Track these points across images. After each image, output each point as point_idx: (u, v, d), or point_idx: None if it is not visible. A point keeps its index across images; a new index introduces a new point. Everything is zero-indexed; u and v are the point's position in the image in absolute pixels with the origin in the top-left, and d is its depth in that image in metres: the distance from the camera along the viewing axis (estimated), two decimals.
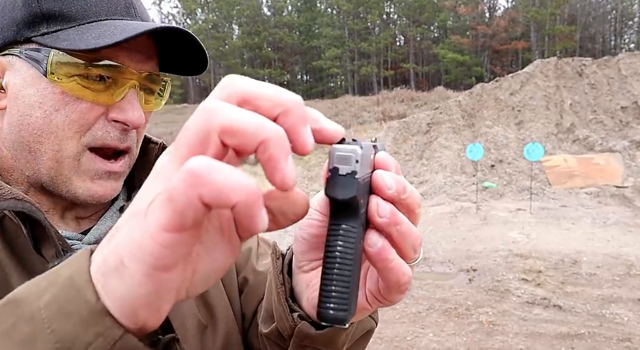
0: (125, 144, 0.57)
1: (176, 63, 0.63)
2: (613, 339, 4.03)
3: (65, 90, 0.53)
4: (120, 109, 0.56)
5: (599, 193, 10.94)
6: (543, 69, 15.63)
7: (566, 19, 47.80)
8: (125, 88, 0.55)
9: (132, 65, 0.56)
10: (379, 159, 0.37)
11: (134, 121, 0.56)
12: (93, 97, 0.54)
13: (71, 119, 0.54)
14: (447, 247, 7.26)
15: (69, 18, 0.54)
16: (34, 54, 0.53)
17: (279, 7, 58.22)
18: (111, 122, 0.56)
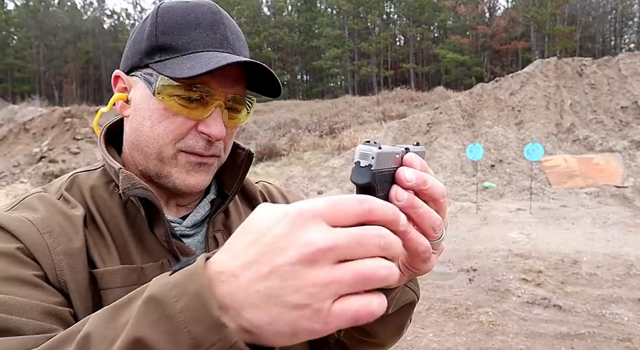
0: (211, 152, 0.71)
1: (260, 85, 0.75)
2: (613, 339, 4.03)
3: (167, 107, 0.68)
4: (207, 124, 0.69)
5: (599, 193, 10.94)
6: (543, 69, 15.64)
7: (566, 19, 47.77)
8: (211, 107, 0.69)
9: (220, 89, 0.69)
10: (406, 158, 0.48)
11: (215, 135, 0.69)
12: (187, 113, 0.68)
13: (169, 129, 0.68)
14: (447, 247, 7.20)
15: (176, 49, 0.68)
16: (149, 77, 0.68)
17: (279, 7, 58.19)
18: (200, 134, 0.69)
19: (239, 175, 0.79)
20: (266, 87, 0.75)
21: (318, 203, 0.37)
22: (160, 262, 0.68)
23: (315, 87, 55.42)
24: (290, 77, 57.40)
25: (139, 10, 75.24)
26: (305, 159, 22.02)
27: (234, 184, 0.79)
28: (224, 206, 0.78)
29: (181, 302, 0.38)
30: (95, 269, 0.64)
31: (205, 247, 0.75)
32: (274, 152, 23.55)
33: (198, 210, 0.78)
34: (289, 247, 0.36)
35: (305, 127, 26.50)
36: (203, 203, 0.78)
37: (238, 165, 0.80)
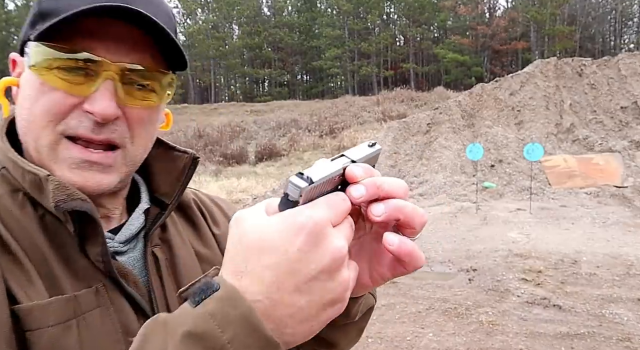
0: (102, 136, 0.56)
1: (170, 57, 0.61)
2: (613, 338, 4.04)
3: (44, 81, 0.54)
4: (93, 100, 0.55)
5: (599, 193, 10.95)
6: (543, 69, 15.64)
7: (566, 19, 47.77)
8: (99, 79, 0.55)
9: (109, 57, 0.55)
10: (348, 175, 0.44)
11: (99, 112, 0.54)
12: (67, 87, 0.54)
13: (46, 108, 0.54)
14: (447, 247, 7.26)
15: (54, 14, 0.54)
16: (27, 50, 0.56)
17: (279, 7, 58.19)
18: (85, 113, 0.55)
19: (180, 181, 0.67)
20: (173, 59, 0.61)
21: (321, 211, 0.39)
22: (95, 288, 0.55)
23: (315, 87, 55.40)
24: (290, 77, 57.38)
25: None
26: (305, 159, 22.02)
27: (174, 192, 0.67)
28: (164, 217, 0.66)
29: (228, 332, 0.37)
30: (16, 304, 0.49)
31: (144, 265, 0.63)
32: (274, 152, 23.55)
33: (132, 223, 0.64)
34: (313, 261, 0.38)
35: (305, 127, 26.50)
36: (136, 213, 0.65)
37: (178, 169, 0.68)
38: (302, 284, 0.38)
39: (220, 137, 26.50)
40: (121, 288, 0.57)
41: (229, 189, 14.71)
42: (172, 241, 0.68)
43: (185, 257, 0.67)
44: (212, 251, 0.73)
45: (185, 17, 57.36)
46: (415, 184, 12.58)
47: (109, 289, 0.56)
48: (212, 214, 0.79)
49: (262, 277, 0.38)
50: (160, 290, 0.62)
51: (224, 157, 23.28)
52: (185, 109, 36.43)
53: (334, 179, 0.44)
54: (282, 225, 0.39)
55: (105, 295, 0.55)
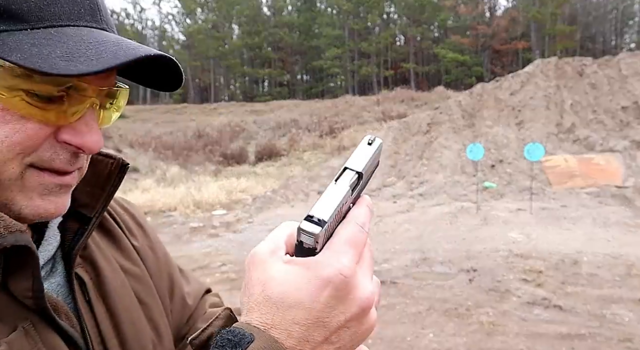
0: (75, 166, 0.49)
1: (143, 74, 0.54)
2: (614, 339, 4.03)
3: (6, 106, 0.43)
4: (76, 131, 0.47)
5: (600, 193, 10.93)
6: (543, 68, 15.63)
7: (567, 19, 47.77)
8: (83, 107, 0.47)
9: (94, 82, 0.47)
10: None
11: (91, 147, 0.47)
12: (41, 116, 0.44)
13: (12, 140, 0.44)
14: (447, 247, 7.25)
15: (18, 17, 0.42)
16: None
17: (279, 7, 58.20)
18: (61, 143, 0.47)
19: (105, 191, 0.58)
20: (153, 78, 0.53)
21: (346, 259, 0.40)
22: (22, 328, 0.47)
23: (315, 87, 55.43)
24: (290, 77, 57.40)
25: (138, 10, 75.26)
26: (305, 159, 22.02)
27: (97, 203, 0.58)
28: (88, 233, 0.56)
29: None
30: None
31: (69, 290, 0.55)
32: (274, 152, 23.56)
33: (48, 241, 0.55)
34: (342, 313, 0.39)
35: (305, 127, 26.50)
36: (50, 230, 0.55)
37: (101, 176, 0.58)
38: (332, 334, 0.39)
39: (220, 137, 26.51)
40: (52, 323, 0.49)
41: (228, 189, 14.71)
42: (95, 258, 0.59)
43: (111, 276, 0.60)
44: (137, 266, 0.67)
45: (184, 16, 57.40)
46: (415, 184, 12.58)
47: (37, 326, 0.48)
48: (127, 224, 0.70)
49: (290, 331, 0.39)
50: (91, 318, 0.55)
51: (223, 157, 23.29)
52: (185, 109, 36.44)
53: (345, 203, 0.42)
54: (305, 279, 0.39)
55: (36, 335, 0.47)
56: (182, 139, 25.73)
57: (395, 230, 8.69)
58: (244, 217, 10.66)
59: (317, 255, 0.40)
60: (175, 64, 0.49)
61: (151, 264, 0.70)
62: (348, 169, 0.43)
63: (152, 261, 0.70)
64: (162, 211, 12.20)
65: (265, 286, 0.40)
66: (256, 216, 10.67)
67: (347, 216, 0.43)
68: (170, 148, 23.28)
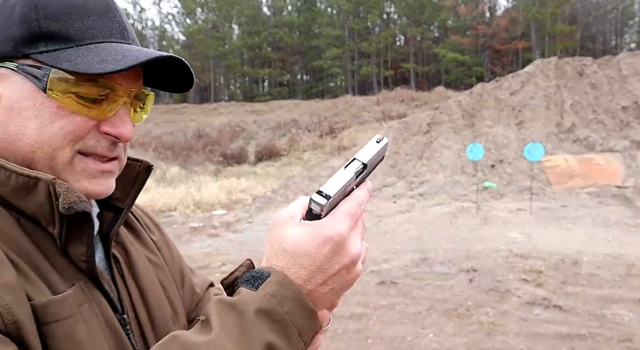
0: (114, 153, 0.63)
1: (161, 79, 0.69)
2: (614, 339, 4.03)
3: (62, 105, 0.58)
4: (112, 123, 0.61)
5: (600, 193, 10.93)
6: (543, 68, 15.63)
7: (567, 19, 47.73)
8: (117, 105, 0.61)
9: (125, 84, 0.61)
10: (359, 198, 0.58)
11: (125, 135, 0.62)
12: (87, 112, 0.59)
13: (66, 130, 0.58)
14: (447, 247, 7.25)
15: (67, 39, 0.57)
16: (33, 70, 0.57)
17: (279, 7, 58.17)
18: (102, 134, 0.61)
19: (133, 187, 0.72)
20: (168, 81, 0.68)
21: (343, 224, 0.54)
22: (79, 286, 0.59)
23: (315, 87, 55.39)
24: (290, 77, 57.38)
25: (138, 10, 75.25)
26: (305, 159, 22.01)
27: (127, 197, 0.71)
28: (122, 219, 0.70)
29: (285, 306, 0.52)
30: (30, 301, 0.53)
31: (108, 266, 0.68)
32: (274, 152, 23.55)
33: None
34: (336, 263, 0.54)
35: (305, 127, 26.49)
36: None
37: (132, 177, 0.72)
38: (328, 278, 0.54)
39: (220, 137, 26.50)
40: (99, 286, 0.62)
41: (228, 189, 14.70)
42: (125, 244, 0.73)
43: (138, 259, 0.74)
44: (156, 256, 0.80)
45: (184, 16, 57.38)
46: (415, 184, 12.57)
47: (88, 286, 0.60)
48: (146, 222, 0.85)
49: (299, 273, 0.53)
50: (124, 289, 0.68)
51: (223, 157, 23.27)
52: (185, 109, 36.43)
53: (349, 185, 0.54)
54: (312, 235, 0.53)
55: (87, 291, 0.60)
56: (182, 139, 25.72)
57: (395, 230, 8.69)
58: (244, 217, 10.66)
59: (322, 220, 0.53)
60: (186, 65, 0.64)
61: (166, 256, 0.84)
62: (356, 159, 0.54)
63: (167, 254, 0.84)
64: (162, 211, 12.19)
65: (282, 241, 0.54)
66: (256, 216, 10.66)
67: (350, 194, 0.56)
68: (170, 148, 23.27)
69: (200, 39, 49.91)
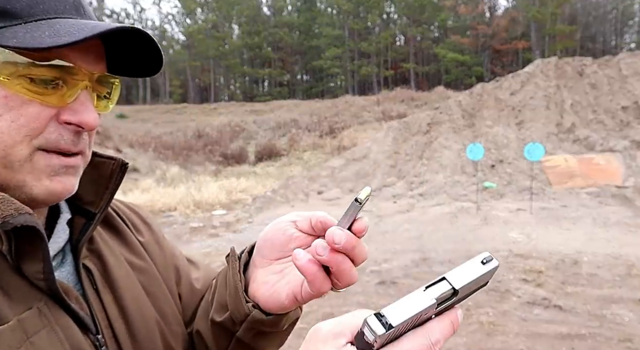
0: (79, 147, 0.55)
1: (126, 64, 0.61)
2: (614, 339, 4.03)
3: (9, 94, 0.49)
4: (73, 110, 0.53)
5: (600, 193, 10.94)
6: (543, 68, 15.63)
7: (567, 19, 47.76)
8: (77, 89, 0.53)
9: (84, 66, 0.53)
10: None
11: (89, 123, 0.53)
12: (42, 99, 0.50)
13: (18, 123, 0.50)
14: (447, 247, 7.25)
15: (13, 15, 0.49)
16: None
17: (279, 7, 58.19)
18: (63, 125, 0.53)
19: (107, 189, 0.63)
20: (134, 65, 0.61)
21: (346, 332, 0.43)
22: (37, 308, 0.51)
23: (315, 87, 55.41)
24: (290, 77, 57.40)
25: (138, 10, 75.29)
26: (305, 159, 22.02)
27: (101, 200, 0.63)
28: (93, 227, 0.62)
29: None
30: None
31: (78, 279, 0.60)
32: (274, 152, 23.57)
33: (58, 235, 0.60)
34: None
35: (305, 127, 26.51)
36: (60, 225, 0.61)
37: (105, 176, 0.64)
38: None
39: (220, 137, 26.51)
40: (63, 305, 0.54)
41: (228, 189, 14.70)
42: (101, 251, 0.65)
43: (117, 266, 0.66)
44: (143, 260, 0.72)
45: (184, 16, 57.40)
46: (415, 184, 12.58)
47: (50, 307, 0.52)
48: (133, 222, 0.76)
49: None
50: (99, 304, 0.60)
51: (223, 157, 23.29)
52: (185, 109, 36.44)
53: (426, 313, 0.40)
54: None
55: (49, 314, 0.52)
56: (182, 139, 25.72)
57: (395, 230, 8.69)
58: (244, 217, 10.66)
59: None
60: (152, 40, 0.55)
61: (157, 257, 0.76)
62: (446, 279, 0.40)
63: (158, 254, 0.76)
64: (162, 211, 12.19)
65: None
66: (256, 216, 10.66)
67: (424, 325, 0.41)
68: (170, 148, 23.28)
69: (200, 39, 49.92)
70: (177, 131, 27.58)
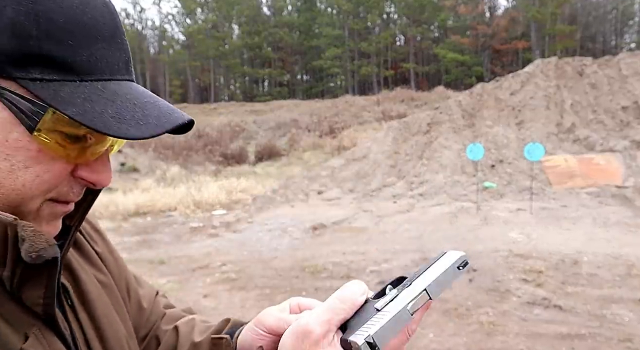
0: (81, 196, 0.54)
1: None
2: (614, 339, 4.03)
3: (44, 149, 0.46)
4: (92, 169, 0.51)
5: (600, 193, 10.94)
6: (543, 68, 15.63)
7: (567, 19, 47.75)
8: (101, 147, 0.51)
9: None
10: None
11: (104, 183, 0.52)
12: (66, 156, 0.48)
13: (42, 179, 0.48)
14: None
15: (69, 69, 0.45)
16: (19, 101, 0.44)
17: (279, 7, 58.19)
18: (77, 179, 0.51)
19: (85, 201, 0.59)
20: None
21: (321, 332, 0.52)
22: (34, 336, 0.50)
23: (315, 87, 55.41)
24: (290, 77, 57.40)
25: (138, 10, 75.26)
26: (305, 159, 22.02)
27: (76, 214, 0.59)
28: (69, 243, 0.59)
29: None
30: None
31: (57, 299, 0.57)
32: (274, 152, 23.56)
33: None
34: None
35: (305, 127, 26.51)
36: None
37: None
38: None
39: (220, 137, 26.51)
40: (55, 329, 0.54)
41: (228, 189, 14.70)
42: (73, 267, 0.62)
43: (88, 282, 0.64)
44: (104, 273, 0.69)
45: (184, 16, 57.39)
46: (415, 184, 12.58)
47: (44, 332, 0.52)
48: (87, 231, 0.72)
49: None
50: (76, 323, 0.59)
51: (223, 157, 23.29)
52: (185, 109, 36.44)
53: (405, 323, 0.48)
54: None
55: (43, 340, 0.51)
56: (182, 139, 25.73)
57: (395, 230, 8.69)
58: (244, 217, 10.66)
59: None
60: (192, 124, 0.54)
61: (113, 269, 0.73)
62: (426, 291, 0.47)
63: (113, 265, 0.73)
64: (162, 211, 12.20)
65: None
66: (256, 216, 10.66)
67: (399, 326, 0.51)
68: (170, 148, 23.28)
69: (201, 39, 49.91)
70: None
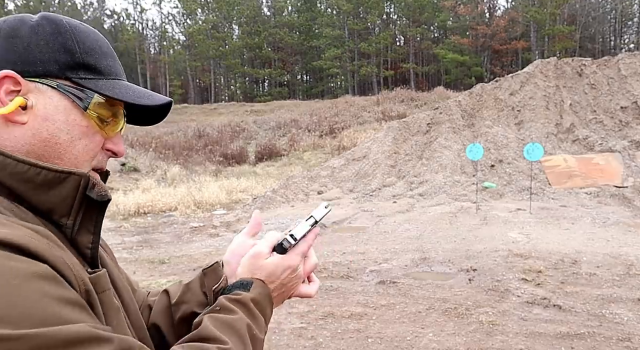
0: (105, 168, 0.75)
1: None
2: (613, 338, 4.04)
3: (90, 124, 0.69)
4: (114, 142, 0.73)
5: (599, 193, 10.95)
6: (543, 69, 15.63)
7: (566, 19, 47.73)
8: (120, 125, 0.74)
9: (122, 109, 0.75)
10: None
11: (123, 152, 0.74)
12: (104, 132, 0.71)
13: (89, 147, 0.69)
14: (447, 247, 7.26)
15: (99, 72, 0.70)
16: (75, 91, 0.68)
17: (279, 7, 58.16)
18: (104, 150, 0.73)
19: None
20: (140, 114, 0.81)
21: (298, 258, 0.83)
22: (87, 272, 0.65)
23: (315, 87, 55.38)
24: (290, 77, 57.37)
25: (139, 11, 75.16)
26: (305, 159, 22.03)
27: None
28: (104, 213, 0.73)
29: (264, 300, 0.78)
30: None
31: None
32: (274, 152, 23.55)
33: None
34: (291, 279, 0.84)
35: (305, 127, 26.50)
36: None
37: None
38: (283, 286, 0.83)
39: (220, 137, 26.50)
40: None
41: (228, 189, 14.71)
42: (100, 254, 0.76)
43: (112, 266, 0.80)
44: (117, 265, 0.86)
45: (185, 17, 57.35)
46: (415, 184, 12.58)
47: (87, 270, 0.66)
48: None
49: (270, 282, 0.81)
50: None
51: (224, 157, 23.28)
52: (185, 109, 36.41)
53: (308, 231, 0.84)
54: (281, 263, 0.81)
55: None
56: (183, 139, 25.71)
57: (395, 230, 8.70)
58: (244, 217, 10.67)
59: (287, 254, 0.82)
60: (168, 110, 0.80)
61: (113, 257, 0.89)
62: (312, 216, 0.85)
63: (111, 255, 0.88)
64: (163, 211, 12.20)
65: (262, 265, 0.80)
66: None
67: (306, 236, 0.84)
68: (170, 148, 23.27)
69: (201, 39, 49.85)
70: (178, 131, 27.56)
